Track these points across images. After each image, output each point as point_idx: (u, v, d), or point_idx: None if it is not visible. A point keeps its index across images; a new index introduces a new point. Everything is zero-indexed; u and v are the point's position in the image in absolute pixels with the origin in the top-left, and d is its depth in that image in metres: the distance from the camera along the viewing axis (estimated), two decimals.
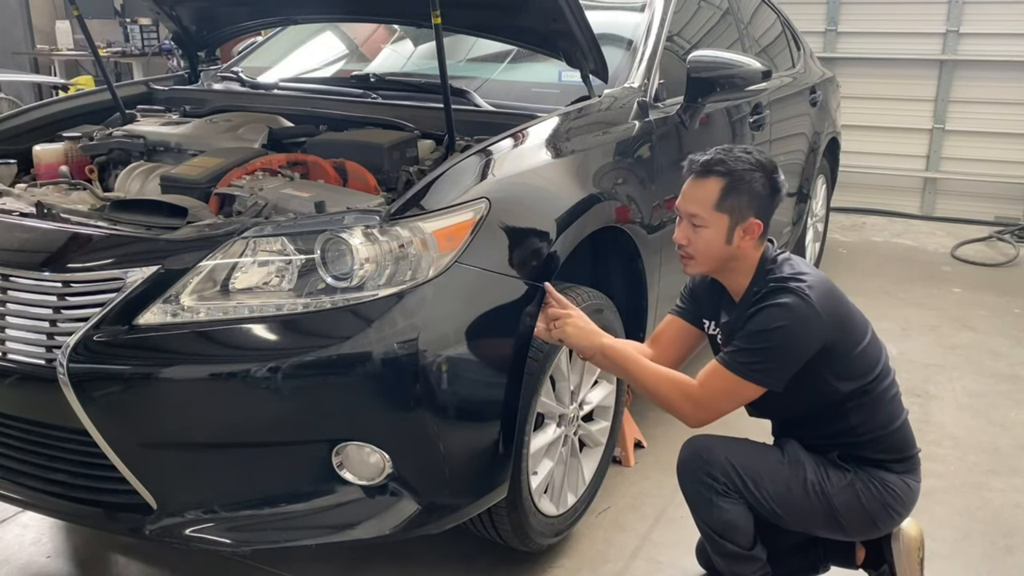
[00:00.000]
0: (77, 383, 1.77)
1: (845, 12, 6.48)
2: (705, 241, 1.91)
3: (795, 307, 1.82)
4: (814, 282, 1.87)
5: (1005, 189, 6.25)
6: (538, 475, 2.23)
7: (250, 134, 2.53)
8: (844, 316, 1.91)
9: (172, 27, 3.13)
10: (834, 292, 1.92)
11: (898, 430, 1.98)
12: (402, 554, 2.39)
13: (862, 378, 1.93)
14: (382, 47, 3.43)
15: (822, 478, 1.94)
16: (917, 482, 2.01)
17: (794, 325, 1.82)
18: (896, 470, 1.97)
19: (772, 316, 1.83)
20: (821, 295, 1.85)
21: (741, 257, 1.93)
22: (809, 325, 1.82)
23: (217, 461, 1.87)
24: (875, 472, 1.96)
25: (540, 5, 2.38)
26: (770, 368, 1.85)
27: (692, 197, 1.92)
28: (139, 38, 7.56)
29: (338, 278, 1.81)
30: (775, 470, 1.95)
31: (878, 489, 1.94)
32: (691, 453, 2.00)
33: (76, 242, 1.92)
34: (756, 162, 1.90)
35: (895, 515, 1.98)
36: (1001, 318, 4.40)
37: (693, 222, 1.91)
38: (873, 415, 1.95)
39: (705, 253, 1.93)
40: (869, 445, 1.96)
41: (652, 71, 2.82)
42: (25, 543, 2.48)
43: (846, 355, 1.90)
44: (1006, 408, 3.39)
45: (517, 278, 2.00)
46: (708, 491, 1.94)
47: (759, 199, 1.89)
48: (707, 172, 1.90)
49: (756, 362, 1.84)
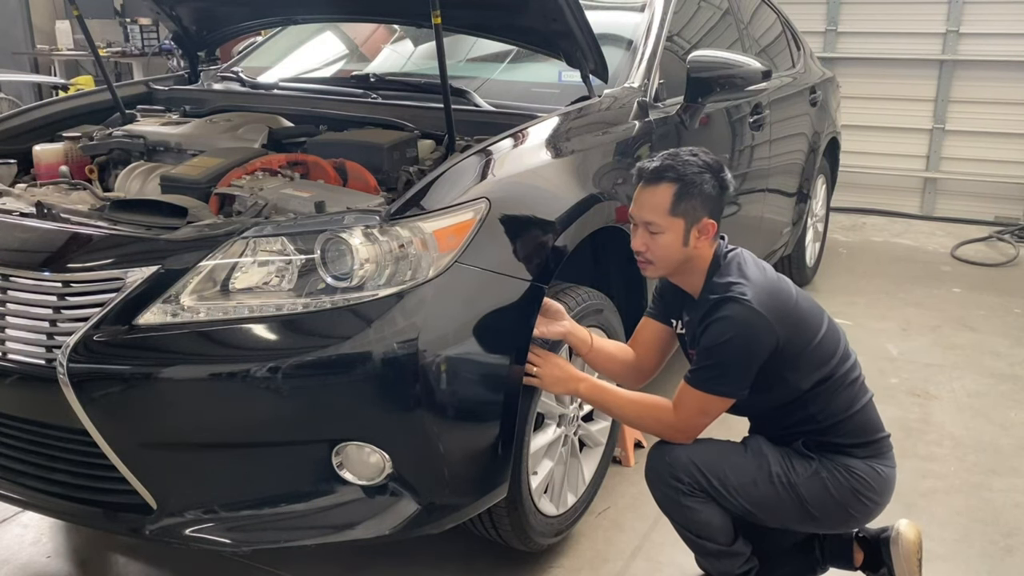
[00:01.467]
0: (77, 383, 1.77)
1: (845, 12, 6.48)
2: (663, 246, 1.94)
3: (738, 316, 1.85)
4: (756, 285, 1.89)
5: (1005, 189, 6.25)
6: (538, 475, 2.23)
7: (250, 134, 2.53)
8: (792, 314, 1.92)
9: (172, 27, 3.13)
10: (778, 292, 1.93)
11: (858, 413, 1.98)
12: (402, 554, 2.39)
13: (819, 369, 1.95)
14: (382, 47, 3.43)
15: (787, 469, 1.95)
16: (888, 467, 2.00)
17: (741, 334, 1.85)
18: (859, 455, 1.97)
19: (719, 330, 1.87)
20: (764, 296, 1.88)
21: (697, 257, 1.97)
22: (756, 330, 1.86)
23: (217, 461, 1.87)
24: (839, 459, 1.96)
25: (540, 5, 2.38)
26: (729, 379, 1.89)
27: (646, 205, 1.94)
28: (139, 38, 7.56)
29: (338, 278, 1.81)
30: (739, 466, 1.96)
31: (844, 476, 1.95)
32: (654, 459, 2.02)
33: (76, 242, 1.92)
34: (704, 163, 1.93)
35: (867, 502, 1.97)
36: (1001, 318, 4.40)
37: (649, 229, 1.94)
38: (831, 401, 1.96)
39: (664, 258, 1.96)
40: (830, 430, 1.97)
41: (652, 71, 2.82)
42: (25, 543, 2.48)
43: (801, 352, 1.92)
44: (1006, 408, 3.39)
45: (517, 278, 2.00)
46: (676, 493, 1.96)
47: (710, 200, 1.93)
48: (658, 179, 1.92)
49: (715, 376, 1.89)
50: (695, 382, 1.92)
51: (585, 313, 2.27)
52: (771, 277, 1.97)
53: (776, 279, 1.98)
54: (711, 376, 1.90)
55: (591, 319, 2.30)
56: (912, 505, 2.68)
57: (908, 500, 2.70)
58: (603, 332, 2.40)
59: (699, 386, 1.91)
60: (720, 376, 1.89)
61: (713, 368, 1.89)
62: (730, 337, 1.86)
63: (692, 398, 1.92)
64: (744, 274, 1.93)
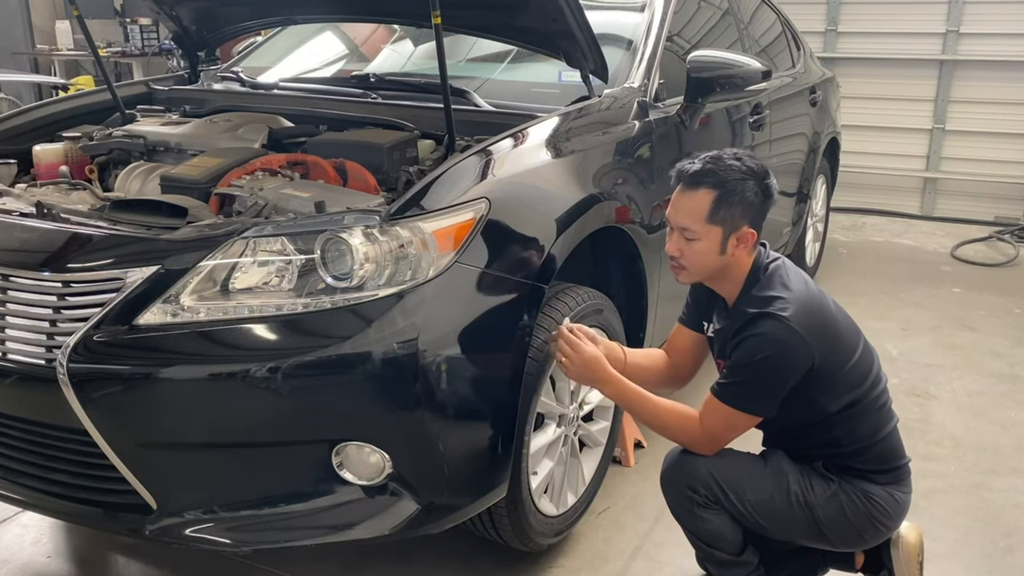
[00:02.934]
0: (77, 383, 1.77)
1: (845, 12, 6.48)
2: (698, 253, 1.87)
3: (776, 335, 1.79)
4: (797, 302, 1.82)
5: (1005, 189, 6.25)
6: (538, 475, 2.23)
7: (250, 134, 2.53)
8: (831, 335, 1.87)
9: (172, 27, 3.13)
10: (820, 309, 1.87)
11: (884, 439, 1.94)
12: (402, 554, 2.39)
13: (850, 393, 1.90)
14: (382, 47, 3.43)
15: (806, 489, 1.92)
16: (905, 493, 1.98)
17: (777, 353, 1.79)
18: (881, 481, 1.94)
19: (755, 347, 1.80)
20: (804, 316, 1.81)
21: (735, 265, 1.90)
22: (792, 351, 1.79)
23: (217, 461, 1.87)
24: (859, 483, 1.93)
25: (540, 5, 2.38)
26: (759, 398, 1.85)
27: (683, 210, 1.87)
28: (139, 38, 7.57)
29: (338, 278, 1.81)
30: (758, 481, 1.93)
31: (862, 501, 1.92)
32: (673, 465, 1.99)
33: (76, 242, 1.92)
34: (748, 169, 1.85)
35: (881, 527, 1.95)
36: (1001, 318, 4.40)
37: (685, 235, 1.87)
38: (857, 426, 1.91)
39: (699, 265, 1.89)
40: (853, 456, 1.93)
41: (652, 71, 2.82)
42: (25, 543, 2.48)
43: (835, 373, 1.86)
44: (1006, 408, 3.39)
45: (517, 278, 2.00)
46: (690, 503, 1.94)
47: (752, 207, 1.85)
48: (697, 183, 1.85)
49: (745, 394, 1.84)
50: (724, 397, 1.86)
51: (585, 313, 2.27)
52: (813, 292, 1.89)
53: (818, 295, 1.90)
54: (741, 393, 1.84)
55: (591, 319, 2.30)
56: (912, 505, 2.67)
57: None
58: (603, 332, 2.40)
59: (728, 401, 1.85)
60: (750, 394, 1.84)
61: (744, 385, 1.84)
62: (766, 356, 1.79)
63: (719, 412, 1.87)
64: (787, 287, 1.85)
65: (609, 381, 2.01)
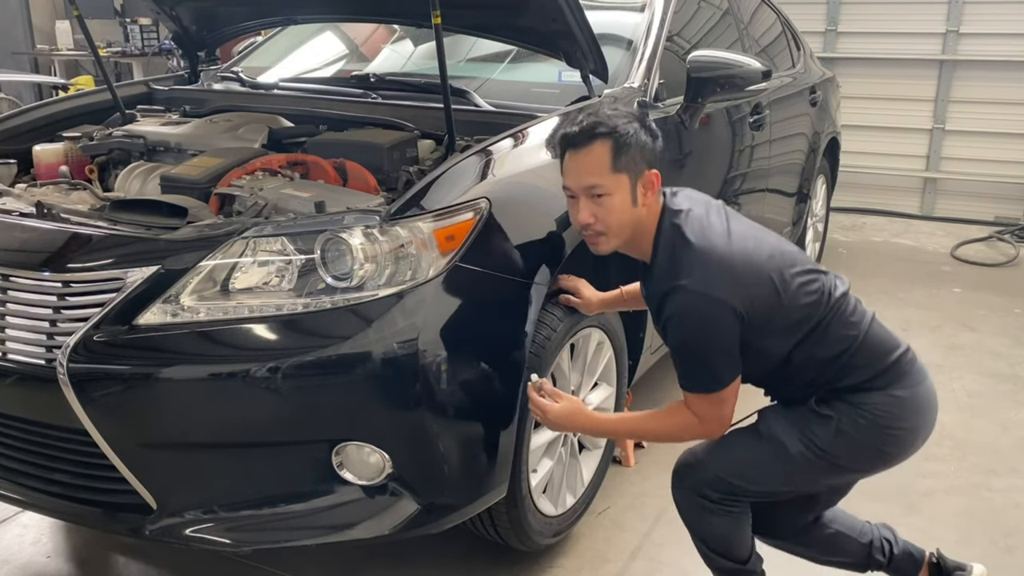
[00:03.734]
0: (77, 383, 1.77)
1: (845, 12, 6.47)
2: (614, 210, 1.77)
3: (691, 309, 1.73)
4: (701, 263, 1.73)
5: (1005, 189, 6.25)
6: (537, 473, 2.23)
7: (250, 134, 2.53)
8: (749, 280, 1.75)
9: (172, 27, 3.13)
10: (729, 257, 1.75)
11: (864, 343, 1.83)
12: (402, 554, 2.39)
13: (795, 332, 1.80)
14: (382, 47, 3.43)
15: (808, 442, 1.83)
16: (910, 387, 1.84)
17: (702, 327, 1.74)
18: (880, 385, 1.82)
19: (679, 331, 1.76)
20: (712, 274, 1.72)
21: (646, 219, 1.81)
22: (714, 317, 1.72)
23: (217, 461, 1.88)
24: (858, 401, 1.82)
25: (540, 5, 2.38)
26: (718, 372, 1.78)
27: (584, 169, 1.77)
28: (139, 38, 7.57)
29: (338, 278, 1.81)
30: (764, 462, 1.87)
31: (865, 417, 1.81)
32: (680, 475, 1.96)
33: (76, 242, 1.92)
34: (627, 114, 1.79)
35: (898, 433, 1.83)
36: (1001, 318, 4.40)
37: (594, 193, 1.77)
38: (824, 349, 1.81)
39: (616, 223, 1.79)
40: (841, 374, 1.82)
41: (652, 71, 2.82)
42: (25, 543, 2.48)
43: (768, 320, 1.77)
44: (1006, 408, 3.39)
45: (517, 278, 2.00)
46: (701, 510, 1.91)
47: (647, 149, 1.78)
48: (590, 138, 1.76)
49: (704, 375, 1.79)
50: (691, 387, 1.82)
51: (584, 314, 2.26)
52: (717, 237, 1.78)
53: (722, 235, 1.79)
54: (702, 376, 1.80)
55: (591, 319, 2.30)
56: (912, 505, 2.68)
57: (908, 500, 2.70)
58: (603, 332, 2.40)
59: (697, 389, 1.81)
60: (708, 373, 1.78)
61: (696, 368, 1.79)
62: (694, 334, 1.75)
63: (699, 401, 1.82)
64: (689, 245, 1.76)
65: (587, 427, 2.00)
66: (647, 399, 3.27)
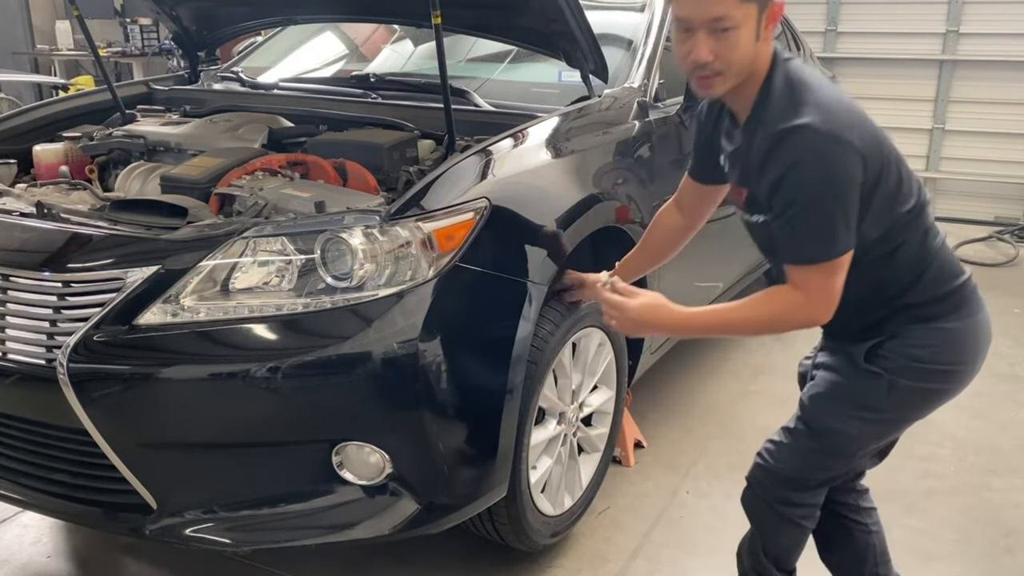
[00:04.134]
0: (77, 383, 1.77)
1: (845, 12, 6.47)
2: (738, 46, 1.52)
3: (818, 155, 1.49)
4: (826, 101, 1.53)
5: (1005, 189, 6.25)
6: (537, 470, 2.23)
7: (250, 134, 2.53)
8: (868, 138, 1.57)
9: (172, 27, 3.13)
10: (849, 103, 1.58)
11: (936, 259, 1.71)
12: (402, 554, 2.39)
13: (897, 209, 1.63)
14: (382, 47, 3.43)
15: (864, 416, 1.72)
16: (966, 317, 1.71)
17: (829, 174, 1.50)
18: (937, 313, 1.68)
19: (800, 178, 1.50)
20: (843, 118, 1.52)
21: (760, 57, 1.58)
22: (845, 164, 1.50)
23: (217, 461, 1.88)
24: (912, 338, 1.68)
25: (540, 5, 2.38)
26: (835, 230, 1.53)
27: None
28: (139, 38, 7.58)
29: (338, 278, 1.81)
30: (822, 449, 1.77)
31: (921, 362, 1.68)
32: (753, 490, 1.89)
33: (76, 242, 1.92)
34: None
35: (951, 368, 1.72)
36: (1001, 318, 4.40)
37: (720, 26, 1.51)
38: (914, 248, 1.66)
39: (740, 61, 1.54)
40: (909, 291, 1.67)
41: (652, 71, 2.82)
42: (25, 543, 2.48)
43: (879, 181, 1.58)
44: (1006, 408, 3.39)
45: (517, 278, 2.00)
46: (781, 519, 1.86)
47: None
48: None
49: (819, 237, 1.54)
50: (804, 254, 1.56)
51: (586, 312, 2.27)
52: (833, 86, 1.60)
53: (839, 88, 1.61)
54: (816, 239, 1.54)
55: (591, 319, 2.30)
56: (912, 505, 2.68)
57: (908, 500, 2.70)
58: (603, 332, 2.40)
59: (812, 260, 1.56)
60: (825, 235, 1.53)
61: (812, 230, 1.53)
62: (816, 183, 1.50)
63: (809, 273, 1.58)
64: (809, 87, 1.54)
65: (673, 323, 1.74)
66: (647, 399, 3.27)
